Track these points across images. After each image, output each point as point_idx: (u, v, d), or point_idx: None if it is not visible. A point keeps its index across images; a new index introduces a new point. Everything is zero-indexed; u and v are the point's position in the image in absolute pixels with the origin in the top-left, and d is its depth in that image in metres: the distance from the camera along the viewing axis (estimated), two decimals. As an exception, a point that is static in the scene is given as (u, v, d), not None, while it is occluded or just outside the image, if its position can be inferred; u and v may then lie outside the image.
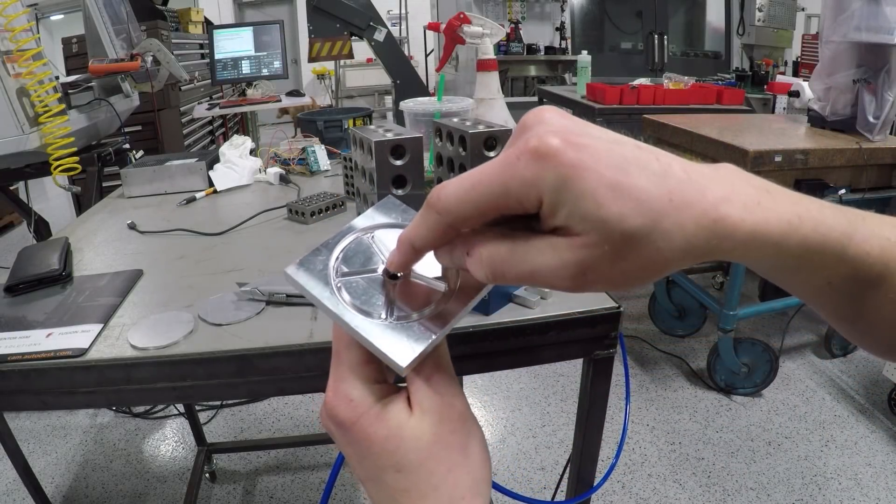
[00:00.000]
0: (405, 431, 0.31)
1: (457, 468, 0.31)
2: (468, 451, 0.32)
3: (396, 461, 0.30)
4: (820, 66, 1.93)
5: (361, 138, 0.76)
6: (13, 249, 1.39)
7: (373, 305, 0.31)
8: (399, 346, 0.30)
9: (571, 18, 4.29)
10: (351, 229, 0.35)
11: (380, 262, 0.33)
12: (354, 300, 0.31)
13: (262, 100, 3.38)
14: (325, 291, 0.31)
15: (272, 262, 0.87)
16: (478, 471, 0.32)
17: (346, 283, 0.32)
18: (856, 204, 1.85)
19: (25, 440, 1.94)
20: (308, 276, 0.32)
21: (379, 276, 0.33)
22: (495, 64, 1.07)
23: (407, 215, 0.36)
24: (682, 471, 1.76)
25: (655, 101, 2.68)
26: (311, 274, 0.32)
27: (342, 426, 0.31)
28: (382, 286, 0.32)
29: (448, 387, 0.32)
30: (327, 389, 0.32)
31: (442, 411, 0.31)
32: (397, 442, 0.30)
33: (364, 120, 1.65)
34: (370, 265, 0.33)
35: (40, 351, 0.62)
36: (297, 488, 1.73)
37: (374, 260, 0.33)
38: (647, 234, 0.24)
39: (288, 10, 8.47)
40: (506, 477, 1.75)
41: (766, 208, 0.26)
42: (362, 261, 0.33)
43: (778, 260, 0.28)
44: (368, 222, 0.36)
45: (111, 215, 1.14)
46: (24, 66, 1.51)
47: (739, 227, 0.25)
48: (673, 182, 0.25)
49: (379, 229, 0.35)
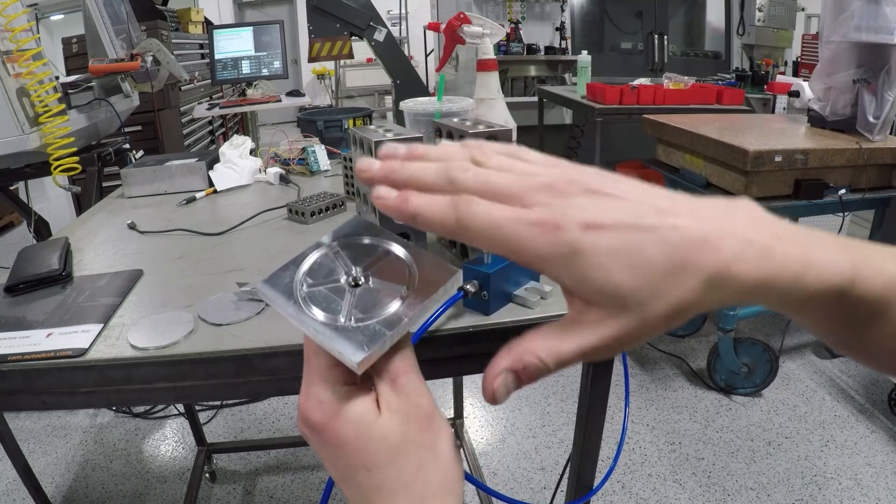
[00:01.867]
0: (373, 431, 0.32)
1: (426, 466, 0.32)
2: (437, 449, 0.33)
3: (366, 460, 0.31)
4: (820, 66, 1.93)
5: (361, 138, 0.76)
6: (13, 249, 1.39)
7: (334, 311, 0.34)
8: (353, 346, 0.32)
9: (571, 18, 4.29)
10: (317, 246, 0.37)
11: (342, 274, 0.36)
12: (318, 308, 0.34)
13: (262, 100, 3.38)
14: (289, 302, 0.34)
15: (272, 262, 0.87)
16: (448, 468, 0.33)
17: (311, 293, 0.35)
18: (856, 204, 1.86)
19: (25, 440, 1.94)
20: (276, 289, 0.35)
21: (342, 286, 0.35)
22: (495, 64, 1.07)
23: (371, 230, 0.38)
24: (682, 471, 1.76)
25: (655, 101, 2.68)
26: (279, 287, 0.35)
27: (314, 429, 0.33)
28: (344, 294, 0.35)
29: (415, 387, 0.33)
30: (300, 395, 0.34)
31: (409, 411, 0.33)
32: (366, 441, 0.31)
33: (364, 120, 1.65)
34: (333, 276, 0.36)
35: (40, 351, 0.62)
36: (297, 488, 1.73)
37: (337, 272, 0.36)
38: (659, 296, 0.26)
39: (288, 10, 8.47)
40: (506, 477, 1.75)
41: (776, 262, 0.27)
42: (326, 273, 0.36)
43: (782, 304, 0.29)
44: (334, 238, 0.38)
45: (111, 215, 1.14)
46: (24, 66, 1.51)
47: (749, 281, 0.26)
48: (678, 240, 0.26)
49: (343, 244, 0.37)
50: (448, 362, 0.67)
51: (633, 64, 4.21)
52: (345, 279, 0.35)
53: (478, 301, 0.67)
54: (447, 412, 2.01)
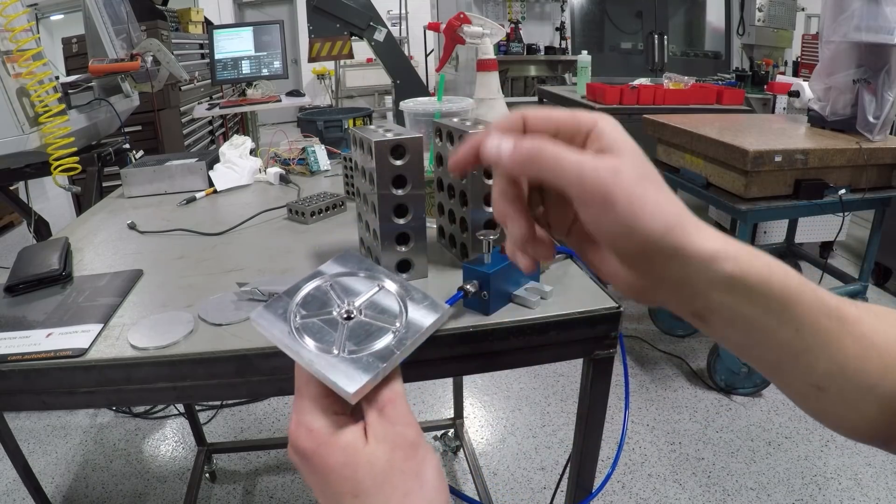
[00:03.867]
0: (360, 458, 0.33)
1: (412, 494, 0.33)
2: (422, 477, 0.34)
3: (353, 487, 0.32)
4: (820, 66, 1.93)
5: (361, 138, 0.76)
6: (13, 249, 1.39)
7: (327, 343, 0.35)
8: (347, 377, 0.33)
9: (571, 18, 4.29)
10: (311, 278, 0.39)
11: (335, 306, 0.37)
12: (311, 339, 0.35)
13: (262, 100, 3.38)
14: (283, 332, 0.35)
15: (272, 262, 0.87)
16: (433, 496, 0.34)
17: (305, 324, 0.36)
18: (856, 204, 1.86)
19: (25, 440, 1.94)
20: (269, 319, 0.36)
21: (335, 318, 0.36)
22: (495, 64, 1.06)
23: (363, 265, 0.40)
24: (682, 471, 1.76)
25: (655, 101, 2.68)
26: (273, 318, 0.36)
27: (304, 456, 0.34)
28: (337, 326, 0.36)
29: (401, 416, 0.35)
30: (290, 423, 0.35)
31: (395, 440, 0.34)
32: (353, 468, 0.33)
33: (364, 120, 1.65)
34: (327, 308, 0.37)
35: (40, 351, 0.62)
36: (297, 488, 1.73)
37: (330, 304, 0.37)
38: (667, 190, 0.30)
39: (288, 10, 8.47)
40: (506, 477, 1.75)
41: (754, 255, 0.31)
42: (320, 305, 0.37)
43: (763, 302, 0.31)
44: (328, 271, 0.39)
45: (111, 215, 1.14)
46: (24, 66, 1.51)
47: (742, 263, 0.30)
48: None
49: (337, 277, 0.39)
50: (448, 362, 0.67)
51: (633, 64, 4.22)
52: (338, 312, 0.37)
53: (478, 301, 0.67)
54: (447, 412, 2.01)
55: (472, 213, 0.77)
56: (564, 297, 0.72)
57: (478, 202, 0.77)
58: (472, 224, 0.78)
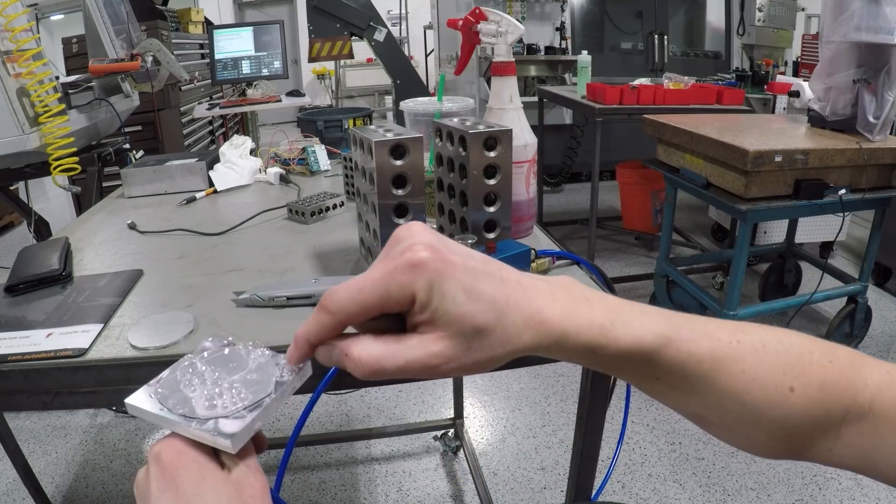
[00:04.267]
0: (208, 471, 0.35)
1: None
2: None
3: (184, 484, 0.34)
4: (820, 66, 1.93)
5: (361, 138, 0.76)
6: (13, 249, 1.39)
7: (201, 409, 0.37)
8: (225, 429, 0.35)
9: (571, 18, 4.28)
10: (182, 359, 0.40)
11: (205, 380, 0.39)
12: (184, 410, 0.36)
13: (262, 100, 3.38)
14: (161, 413, 0.37)
15: (272, 262, 0.87)
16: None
17: (174, 400, 0.37)
18: (856, 204, 1.86)
19: (25, 440, 1.94)
20: (144, 404, 0.37)
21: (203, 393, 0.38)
22: (513, 68, 0.91)
23: (232, 343, 0.42)
24: (682, 471, 1.76)
25: (655, 101, 2.67)
26: (147, 402, 0.37)
27: (157, 456, 0.35)
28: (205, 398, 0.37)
29: (255, 464, 0.37)
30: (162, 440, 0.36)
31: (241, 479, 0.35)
32: (199, 474, 0.34)
33: (364, 120, 1.65)
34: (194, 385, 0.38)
35: (40, 351, 0.62)
36: (297, 488, 1.73)
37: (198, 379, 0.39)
38: (491, 328, 0.32)
39: (288, 10, 8.47)
40: (506, 477, 1.75)
41: (579, 314, 0.33)
42: (187, 382, 0.39)
43: (597, 359, 0.34)
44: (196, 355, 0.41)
45: (111, 215, 1.14)
46: (24, 66, 1.51)
47: (556, 328, 0.32)
48: (510, 289, 0.32)
49: (201, 358, 0.40)
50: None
51: (633, 64, 4.21)
52: (208, 386, 0.38)
53: None
54: (447, 412, 2.01)
55: (472, 213, 0.77)
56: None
57: (478, 202, 0.77)
58: (472, 224, 0.78)
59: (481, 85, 3.95)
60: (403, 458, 1.85)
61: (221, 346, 0.41)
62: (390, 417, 2.04)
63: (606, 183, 4.20)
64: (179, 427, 0.36)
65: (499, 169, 0.76)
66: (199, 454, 0.35)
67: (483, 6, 0.98)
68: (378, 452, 1.87)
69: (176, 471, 0.34)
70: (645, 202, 3.37)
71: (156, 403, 0.37)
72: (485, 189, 0.76)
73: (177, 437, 0.36)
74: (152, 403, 0.37)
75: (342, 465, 1.82)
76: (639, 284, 2.92)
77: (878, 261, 2.75)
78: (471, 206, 0.77)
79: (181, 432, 0.36)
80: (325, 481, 1.75)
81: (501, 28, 0.90)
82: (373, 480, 1.75)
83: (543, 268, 0.79)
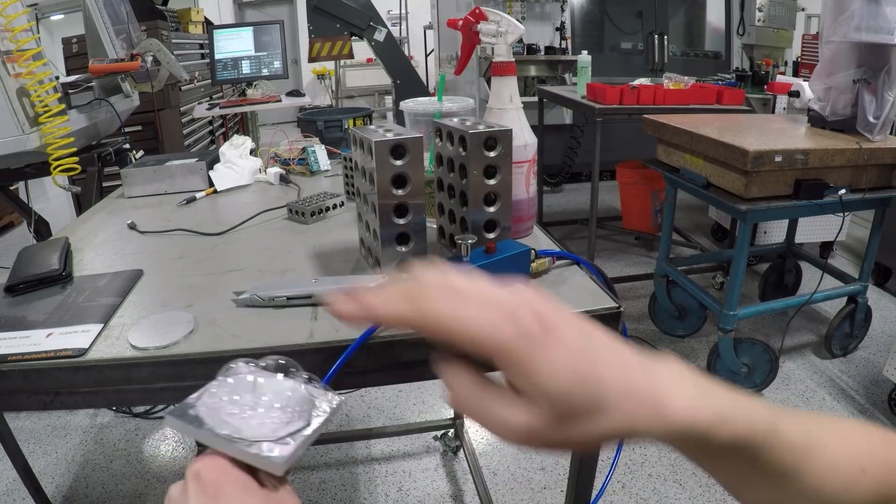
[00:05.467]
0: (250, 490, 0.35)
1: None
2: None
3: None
4: (820, 66, 1.93)
5: (361, 138, 0.76)
6: (13, 249, 1.39)
7: (247, 429, 0.37)
8: (273, 452, 0.35)
9: (571, 18, 4.28)
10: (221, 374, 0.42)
11: (247, 396, 0.39)
12: (230, 429, 0.37)
13: (262, 100, 3.38)
14: (203, 429, 0.37)
15: (272, 262, 0.87)
16: None
17: (218, 418, 0.38)
18: (856, 204, 1.86)
19: (25, 440, 1.94)
20: (184, 419, 0.38)
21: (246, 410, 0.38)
22: (513, 68, 0.91)
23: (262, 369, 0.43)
24: (682, 471, 1.76)
25: (655, 101, 2.67)
26: (187, 418, 0.38)
27: (198, 474, 0.35)
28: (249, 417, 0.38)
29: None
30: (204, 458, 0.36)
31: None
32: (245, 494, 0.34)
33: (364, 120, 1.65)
34: (238, 400, 0.39)
35: (40, 351, 0.62)
36: (297, 488, 1.73)
37: (243, 393, 0.40)
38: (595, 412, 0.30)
39: (288, 10, 8.47)
40: (506, 477, 1.75)
41: (703, 404, 0.32)
42: (231, 399, 0.39)
43: (708, 447, 0.33)
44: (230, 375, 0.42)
45: (111, 215, 1.14)
46: (24, 66, 1.51)
47: (680, 416, 0.31)
48: (631, 377, 0.31)
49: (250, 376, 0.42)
50: (448, 362, 0.66)
51: (633, 64, 4.21)
52: (250, 407, 0.39)
53: None
54: (447, 412, 2.01)
55: (472, 213, 0.77)
56: (565, 297, 0.72)
57: (478, 202, 0.77)
58: (472, 224, 0.78)
59: (481, 85, 3.95)
60: (403, 458, 1.85)
61: (253, 370, 0.42)
62: (390, 417, 2.04)
63: (606, 183, 4.20)
64: (225, 446, 0.36)
65: (499, 169, 0.76)
66: (242, 473, 0.35)
67: (483, 6, 0.97)
68: (378, 452, 1.87)
69: (219, 488, 0.34)
70: (645, 202, 3.37)
71: (198, 421, 0.37)
72: (485, 189, 0.76)
73: (218, 456, 0.36)
74: (195, 421, 0.37)
75: (342, 465, 1.82)
76: (639, 284, 2.92)
77: (878, 261, 2.76)
78: (471, 206, 0.76)
79: (227, 451, 0.36)
80: (325, 481, 1.75)
81: (501, 28, 0.90)
82: (373, 480, 1.75)
83: (543, 268, 0.79)
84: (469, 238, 0.68)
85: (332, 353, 0.62)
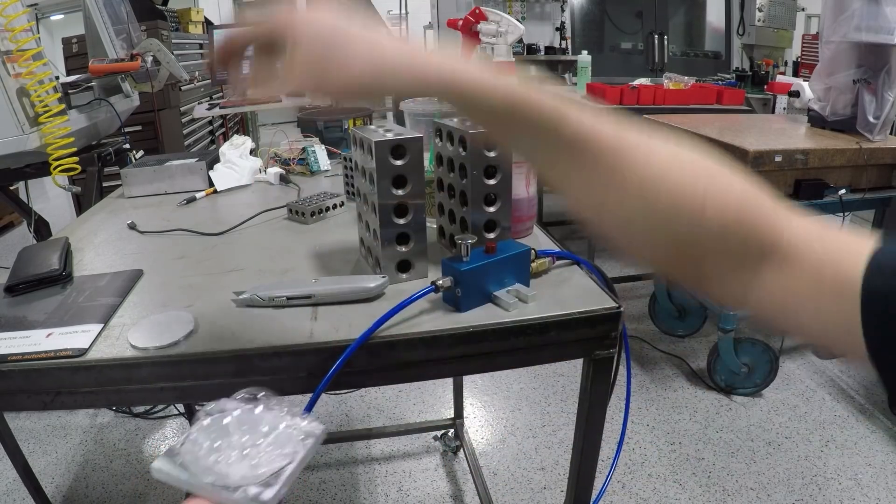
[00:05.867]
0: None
1: None
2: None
3: None
4: (820, 66, 1.93)
5: (361, 138, 0.76)
6: (13, 249, 1.39)
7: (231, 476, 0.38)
8: (260, 495, 0.36)
9: (571, 18, 4.28)
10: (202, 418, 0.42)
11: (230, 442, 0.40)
12: (213, 476, 0.37)
13: (262, 100, 3.37)
14: (185, 477, 0.38)
15: (272, 262, 0.87)
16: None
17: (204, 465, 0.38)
18: (856, 204, 1.86)
19: (25, 440, 1.94)
20: (175, 467, 0.38)
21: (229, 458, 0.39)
22: (512, 68, 0.97)
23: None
24: (682, 471, 1.76)
25: (655, 101, 2.67)
26: (173, 467, 0.39)
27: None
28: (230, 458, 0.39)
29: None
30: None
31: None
32: None
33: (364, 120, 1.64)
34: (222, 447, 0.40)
35: (40, 351, 0.62)
36: (297, 488, 1.73)
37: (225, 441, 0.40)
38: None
39: (288, 10, 8.46)
40: (506, 477, 1.75)
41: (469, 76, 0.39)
42: (214, 445, 0.40)
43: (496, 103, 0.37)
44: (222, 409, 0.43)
45: (111, 215, 1.14)
46: (24, 66, 1.51)
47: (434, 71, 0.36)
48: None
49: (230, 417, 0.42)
50: (448, 362, 0.67)
51: (633, 64, 4.21)
52: (234, 450, 0.39)
53: (452, 297, 0.68)
54: (447, 412, 2.01)
55: (472, 213, 0.77)
56: (565, 297, 0.72)
57: (478, 202, 0.77)
58: (472, 224, 0.78)
59: (481, 85, 3.94)
60: (403, 458, 1.85)
61: (238, 405, 0.43)
62: (390, 417, 2.04)
63: (606, 183, 4.19)
64: (212, 493, 0.37)
65: (499, 169, 0.76)
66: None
67: (483, 6, 0.98)
68: (378, 452, 1.87)
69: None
70: (645, 202, 3.36)
71: (183, 469, 0.38)
72: (485, 189, 0.77)
73: (206, 501, 0.37)
74: (179, 470, 0.38)
75: (342, 465, 1.82)
76: (639, 284, 2.92)
77: (878, 261, 2.75)
78: (471, 206, 0.77)
79: (214, 498, 0.37)
80: (325, 481, 1.75)
81: (501, 28, 0.90)
82: (373, 480, 1.75)
83: (543, 268, 0.79)
84: (469, 238, 0.68)
85: (332, 353, 0.62)
